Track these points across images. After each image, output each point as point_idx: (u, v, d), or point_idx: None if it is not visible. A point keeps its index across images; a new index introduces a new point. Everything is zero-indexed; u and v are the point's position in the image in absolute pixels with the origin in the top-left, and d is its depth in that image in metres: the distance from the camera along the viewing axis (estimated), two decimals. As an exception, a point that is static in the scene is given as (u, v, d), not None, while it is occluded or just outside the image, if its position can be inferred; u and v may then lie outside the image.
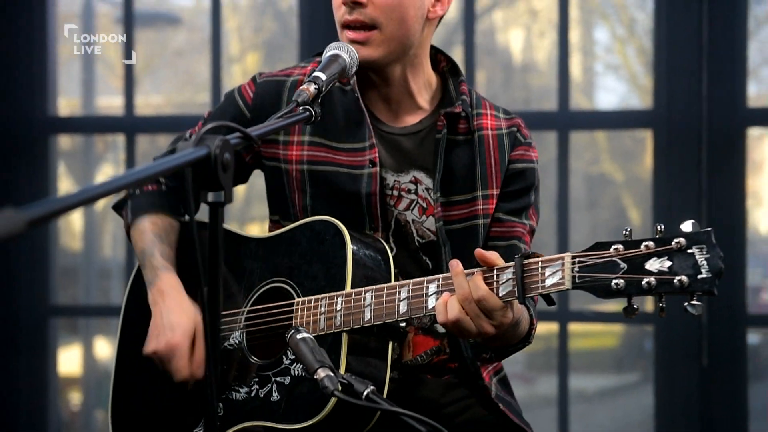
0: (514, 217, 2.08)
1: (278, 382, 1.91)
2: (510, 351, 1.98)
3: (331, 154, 2.04)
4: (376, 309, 1.85)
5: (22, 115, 3.56)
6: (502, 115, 2.13)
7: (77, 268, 9.25)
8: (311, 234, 1.97)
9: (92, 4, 9.06)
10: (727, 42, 3.31)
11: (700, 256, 1.57)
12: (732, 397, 3.29)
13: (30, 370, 3.55)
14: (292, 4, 13.97)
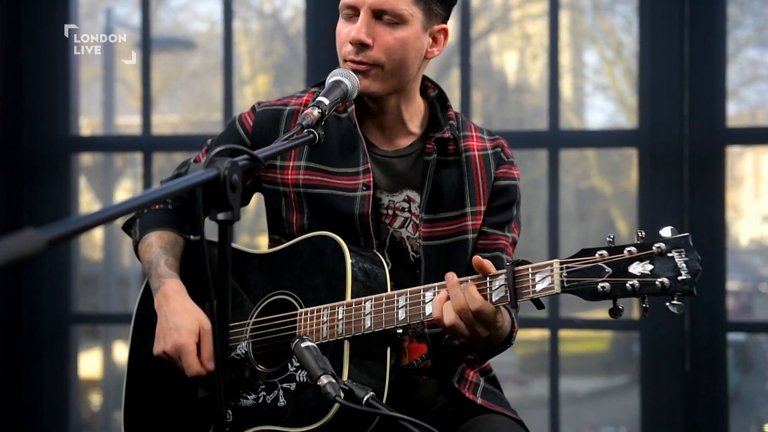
0: (498, 231, 2.09)
1: (284, 388, 1.91)
2: (492, 352, 1.99)
3: (325, 177, 2.04)
4: (376, 317, 1.85)
5: (47, 134, 3.55)
6: (486, 136, 2.14)
7: (98, 277, 9.26)
8: (312, 248, 1.97)
9: (113, 29, 9.08)
10: (707, 65, 3.31)
11: (679, 259, 1.60)
12: (713, 399, 3.28)
13: (53, 373, 3.54)
14: (299, 30, 14.00)
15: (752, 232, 22.83)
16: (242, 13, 13.30)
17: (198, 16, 13.67)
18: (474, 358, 2.04)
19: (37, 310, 3.52)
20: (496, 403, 2.06)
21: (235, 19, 3.82)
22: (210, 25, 13.90)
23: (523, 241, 2.22)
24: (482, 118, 12.60)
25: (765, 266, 22.30)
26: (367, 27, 1.93)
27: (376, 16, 1.94)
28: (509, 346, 1.98)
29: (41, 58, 3.57)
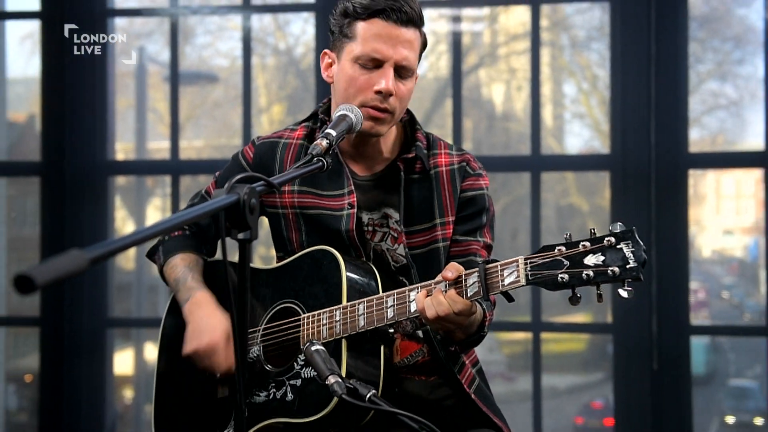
0: (470, 237, 2.07)
1: (291, 384, 1.91)
2: (470, 342, 1.96)
3: (316, 199, 2.04)
4: (368, 316, 1.85)
5: (86, 159, 3.54)
6: (454, 152, 2.10)
7: (131, 285, 9.26)
8: (311, 261, 1.97)
9: (145, 64, 9.09)
10: (671, 97, 3.30)
11: (627, 250, 1.61)
12: (677, 395, 3.27)
13: (91, 371, 3.52)
14: (310, 65, 14.01)
15: (714, 244, 22.76)
16: (259, 50, 13.32)
17: (220, 53, 13.67)
18: (455, 350, 2.01)
19: (77, 316, 3.51)
20: (487, 405, 2.05)
21: (254, 56, 3.82)
22: (231, 61, 13.91)
23: (509, 253, 2.21)
24: (472, 144, 12.60)
25: (726, 274, 22.21)
26: (393, 79, 1.94)
27: (395, 69, 1.94)
28: (483, 335, 1.96)
29: (82, 90, 3.55)
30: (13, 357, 7.49)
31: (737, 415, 14.86)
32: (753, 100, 15.76)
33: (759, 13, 3.32)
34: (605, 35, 13.77)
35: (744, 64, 14.96)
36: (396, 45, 1.92)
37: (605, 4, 3.58)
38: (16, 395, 8.80)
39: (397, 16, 1.91)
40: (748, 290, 21.19)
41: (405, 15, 1.92)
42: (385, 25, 1.92)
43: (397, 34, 1.92)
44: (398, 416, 1.47)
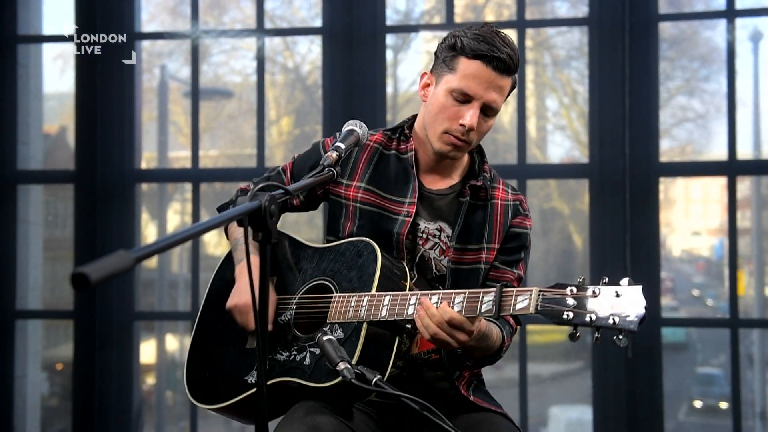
0: (507, 267, 2.10)
1: (311, 351, 1.93)
2: (485, 362, 2.00)
3: (378, 199, 2.06)
4: (390, 308, 1.86)
5: (115, 168, 3.56)
6: (510, 191, 2.15)
7: (153, 281, 9.32)
8: (354, 249, 2.01)
9: (166, 81, 9.14)
10: (643, 112, 3.32)
11: (630, 306, 1.62)
12: (650, 380, 3.29)
13: (119, 360, 3.53)
14: (316, 81, 14.05)
15: (683, 244, 22.74)
16: (270, 68, 13.35)
17: (234, 70, 13.73)
18: (470, 364, 2.04)
19: (107, 309, 3.53)
20: (487, 402, 2.07)
21: (266, 74, 3.84)
22: (243, 77, 13.96)
23: None
24: (464, 153, 12.63)
25: (694, 273, 22.20)
26: (478, 117, 1.96)
27: (482, 108, 1.96)
28: (499, 358, 1.99)
29: (111, 106, 3.58)
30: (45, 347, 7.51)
31: (704, 399, 14.91)
32: (718, 113, 15.80)
33: (723, 36, 3.35)
34: (584, 55, 13.84)
35: (710, 81, 15.00)
36: (489, 88, 1.93)
37: (584, 27, 3.60)
38: (48, 382, 8.84)
39: (497, 63, 1.92)
40: (713, 286, 21.25)
41: (503, 64, 1.93)
42: (484, 69, 1.93)
43: (492, 79, 1.93)
44: (400, 398, 1.49)
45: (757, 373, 11.84)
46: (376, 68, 3.49)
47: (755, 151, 11.28)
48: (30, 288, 3.80)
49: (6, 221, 3.62)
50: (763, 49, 12.90)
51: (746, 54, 10.71)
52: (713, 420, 14.10)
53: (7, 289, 3.62)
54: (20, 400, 3.70)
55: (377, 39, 3.48)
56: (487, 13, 12.29)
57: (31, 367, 3.88)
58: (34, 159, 3.91)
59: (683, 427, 14.21)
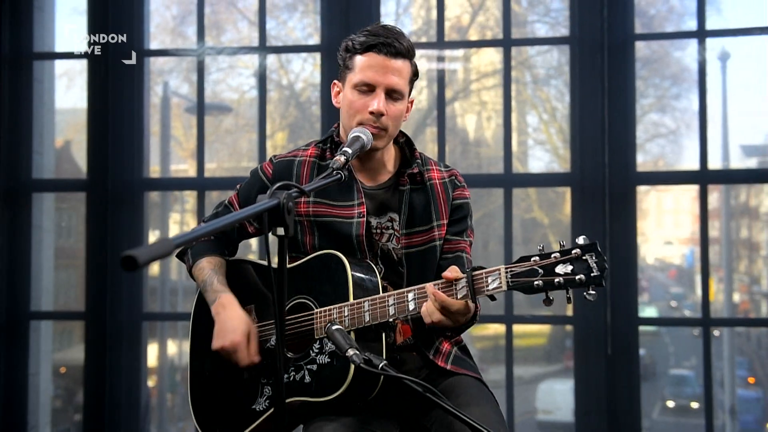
0: (458, 237, 2.14)
1: (308, 369, 1.95)
2: (462, 329, 2.02)
3: (329, 209, 2.08)
4: (372, 313, 1.90)
5: (125, 176, 3.60)
6: (443, 168, 2.20)
7: (156, 288, 9.33)
8: (320, 263, 2.02)
9: (168, 97, 9.19)
10: (621, 125, 3.37)
11: (591, 260, 1.69)
12: (628, 376, 3.33)
13: (129, 359, 3.56)
14: (309, 97, 14.10)
15: (656, 253, 22.91)
16: (265, 85, 13.41)
17: (231, 87, 13.79)
18: (450, 334, 2.08)
19: (117, 310, 3.55)
20: (464, 368, 2.11)
21: (265, 89, 3.90)
22: (240, 94, 14.02)
23: (481, 261, 2.27)
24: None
25: (666, 279, 22.30)
26: (384, 102, 2.01)
27: (387, 93, 2.02)
28: (475, 323, 2.02)
29: (121, 118, 3.61)
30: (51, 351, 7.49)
31: (676, 400, 15.01)
32: (688, 129, 15.96)
33: (692, 56, 3.43)
34: (563, 73, 13.89)
35: (680, 98, 15.19)
36: (386, 73, 2.01)
37: (564, 46, 3.66)
38: (52, 384, 8.83)
39: (387, 49, 2.01)
40: (685, 292, 21.44)
41: (394, 48, 2.01)
42: (377, 57, 2.02)
43: (387, 64, 2.01)
44: (403, 381, 1.52)
45: (726, 371, 11.95)
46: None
47: (724, 162, 11.44)
48: (43, 290, 3.82)
49: (22, 227, 3.65)
50: (730, 68, 13.06)
51: (715, 73, 10.87)
52: (685, 419, 14.19)
53: (22, 291, 3.64)
54: (34, 397, 3.71)
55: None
56: (471, 34, 12.40)
57: (43, 366, 3.90)
58: (47, 168, 3.94)
59: (657, 426, 14.30)
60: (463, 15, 12.86)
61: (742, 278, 18.02)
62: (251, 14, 13.19)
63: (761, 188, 17.89)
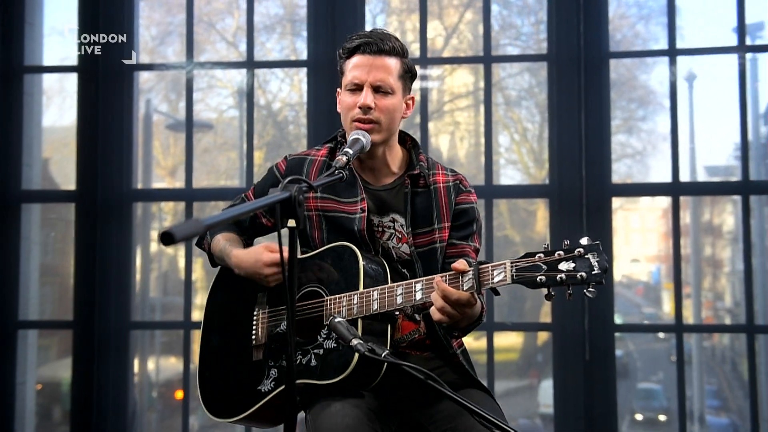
0: (463, 241, 2.17)
1: (315, 353, 1.99)
2: (470, 329, 2.06)
3: (335, 204, 2.14)
4: (380, 301, 1.94)
5: (114, 188, 3.61)
6: (449, 173, 2.23)
7: (137, 304, 9.32)
8: (334, 254, 2.07)
9: (151, 114, 9.19)
10: (597, 139, 3.44)
11: (593, 259, 1.72)
12: (604, 379, 3.39)
13: (116, 367, 3.56)
14: (286, 117, 14.15)
15: (623, 270, 23.13)
16: (244, 105, 13.44)
17: (209, 107, 13.77)
18: (457, 334, 2.11)
19: (105, 319, 3.55)
20: (472, 370, 2.15)
21: (238, 109, 3.94)
22: (218, 114, 14.03)
23: None
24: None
25: (634, 296, 22.57)
26: (371, 96, 2.08)
27: (375, 89, 2.09)
28: (481, 322, 2.06)
29: (110, 131, 3.63)
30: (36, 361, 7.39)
31: (644, 413, 15.14)
32: (654, 150, 16.24)
33: (657, 79, 3.55)
34: (534, 95, 13.95)
35: (646, 120, 15.46)
36: (371, 70, 2.09)
37: (536, 68, 3.76)
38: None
39: (371, 48, 2.10)
40: (652, 308, 21.71)
41: (376, 46, 2.10)
42: (362, 57, 2.11)
43: (371, 62, 2.10)
44: (406, 368, 1.55)
45: (695, 380, 12.10)
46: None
47: (692, 178, 11.67)
48: (30, 300, 3.81)
49: (11, 238, 3.64)
50: (697, 88, 13.34)
51: (683, 92, 11.12)
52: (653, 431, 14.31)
53: (10, 300, 3.63)
54: (21, 405, 3.69)
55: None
56: (444, 55, 12.54)
57: (30, 376, 3.87)
58: (35, 180, 3.94)
59: (627, 439, 14.38)
60: (437, 38, 13.01)
61: (707, 294, 18.29)
62: (229, 35, 13.23)
63: (724, 208, 18.24)
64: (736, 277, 17.34)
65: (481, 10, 3.68)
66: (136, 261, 3.93)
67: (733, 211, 17.67)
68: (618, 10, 11.99)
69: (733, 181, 3.59)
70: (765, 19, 6.05)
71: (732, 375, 17.40)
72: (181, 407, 3.72)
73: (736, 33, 3.50)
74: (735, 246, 17.54)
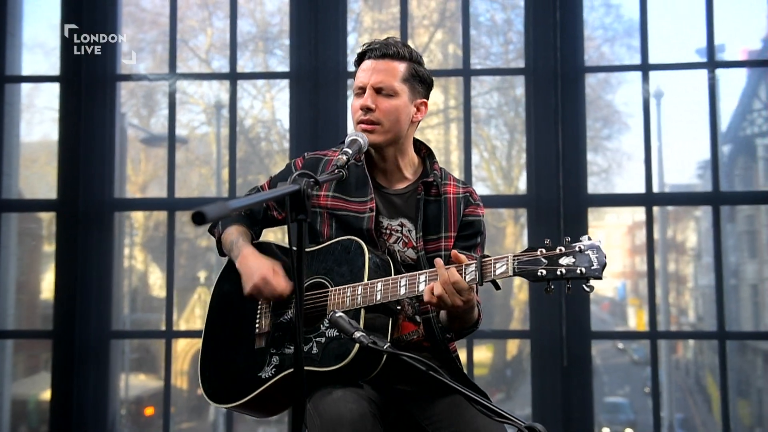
0: (466, 252, 2.16)
1: (317, 341, 2.01)
2: (464, 333, 2.09)
3: (345, 203, 2.18)
4: (384, 292, 1.97)
5: (96, 197, 3.60)
6: (461, 185, 2.26)
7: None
8: (341, 247, 2.10)
9: (126, 128, 9.13)
10: (573, 151, 3.51)
11: (592, 255, 1.76)
12: (581, 384, 3.43)
13: (97, 376, 3.54)
14: (257, 133, 14.14)
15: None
16: (215, 121, 13.41)
17: (181, 123, 13.74)
18: (451, 336, 2.14)
19: (85, 328, 3.52)
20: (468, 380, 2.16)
21: (210, 126, 3.96)
22: (190, 130, 13.99)
23: None
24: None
25: (599, 312, 22.79)
26: (372, 98, 2.13)
27: (377, 91, 2.13)
28: (476, 329, 2.09)
29: (93, 141, 3.62)
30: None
31: (611, 426, 15.27)
32: (620, 168, 16.50)
33: (622, 99, 3.64)
34: (502, 114, 14.13)
35: (611, 139, 15.76)
36: (372, 73, 2.14)
37: (505, 87, 3.83)
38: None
39: (374, 53, 2.16)
40: (618, 323, 22.00)
41: (379, 51, 2.15)
42: (367, 62, 2.17)
43: (374, 66, 2.15)
44: (408, 359, 1.57)
45: (664, 392, 12.25)
46: (339, 108, 3.63)
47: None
48: (8, 311, 3.77)
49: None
50: (664, 105, 13.60)
51: (650, 109, 11.35)
52: (620, 445, 14.43)
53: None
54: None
55: (339, 82, 3.64)
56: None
57: (6, 387, 3.83)
58: (14, 190, 3.91)
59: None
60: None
61: (671, 310, 18.59)
62: (201, 52, 13.23)
63: (687, 225, 18.60)
64: (699, 292, 17.67)
65: (450, 30, 3.76)
66: (119, 268, 3.90)
67: (696, 228, 18.02)
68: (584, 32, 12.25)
69: (704, 192, 3.68)
70: (725, 41, 6.26)
71: (695, 388, 17.66)
72: (151, 424, 3.69)
73: (704, 54, 3.61)
74: (698, 262, 17.88)
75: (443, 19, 13.14)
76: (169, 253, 3.71)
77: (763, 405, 14.32)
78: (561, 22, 3.56)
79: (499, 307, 14.55)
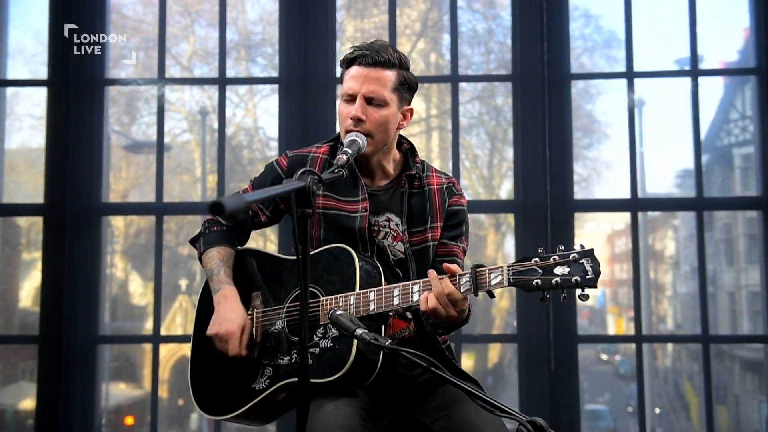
0: (453, 242, 2.21)
1: (311, 352, 1.99)
2: (455, 327, 2.09)
3: (336, 203, 2.15)
4: (377, 302, 1.96)
5: (83, 202, 3.59)
6: (443, 176, 2.27)
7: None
8: (330, 255, 2.07)
9: (109, 135, 9.09)
10: (560, 158, 3.54)
11: (587, 264, 1.75)
12: (569, 389, 3.44)
13: (83, 381, 3.52)
14: (240, 141, 14.11)
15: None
16: (197, 129, 13.38)
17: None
18: (441, 331, 2.15)
19: (72, 333, 3.50)
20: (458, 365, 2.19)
21: (192, 134, 3.95)
22: (171, 138, 13.93)
23: None
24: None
25: (580, 320, 22.90)
26: (362, 108, 2.10)
27: (367, 101, 2.11)
28: (467, 323, 2.09)
29: (80, 146, 3.62)
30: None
31: (592, 433, 15.38)
32: (599, 177, 16.63)
33: (601, 108, 3.69)
34: (482, 123, 14.19)
35: (591, 149, 15.88)
36: (364, 82, 2.11)
37: (488, 95, 3.86)
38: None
39: (366, 60, 2.11)
40: (598, 330, 22.14)
41: (371, 59, 2.11)
42: (357, 68, 2.13)
43: (365, 74, 2.11)
44: (409, 356, 1.57)
45: (647, 398, 12.35)
46: (328, 114, 3.65)
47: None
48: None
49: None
50: (645, 114, 13.75)
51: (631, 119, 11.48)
52: (601, 452, 14.50)
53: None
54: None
55: (329, 88, 3.66)
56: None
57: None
58: (-2, 194, 3.89)
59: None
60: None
61: (650, 317, 18.74)
62: (184, 60, 13.19)
63: (665, 233, 18.80)
64: (678, 300, 17.86)
65: (432, 40, 3.79)
66: (106, 273, 3.88)
67: (674, 236, 18.23)
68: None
69: (689, 197, 3.73)
70: (703, 53, 6.38)
71: (674, 395, 17.79)
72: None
73: (684, 63, 3.66)
74: (676, 270, 18.09)
75: (425, 28, 13.21)
76: (157, 257, 3.70)
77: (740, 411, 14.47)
78: (547, 29, 3.60)
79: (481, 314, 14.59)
